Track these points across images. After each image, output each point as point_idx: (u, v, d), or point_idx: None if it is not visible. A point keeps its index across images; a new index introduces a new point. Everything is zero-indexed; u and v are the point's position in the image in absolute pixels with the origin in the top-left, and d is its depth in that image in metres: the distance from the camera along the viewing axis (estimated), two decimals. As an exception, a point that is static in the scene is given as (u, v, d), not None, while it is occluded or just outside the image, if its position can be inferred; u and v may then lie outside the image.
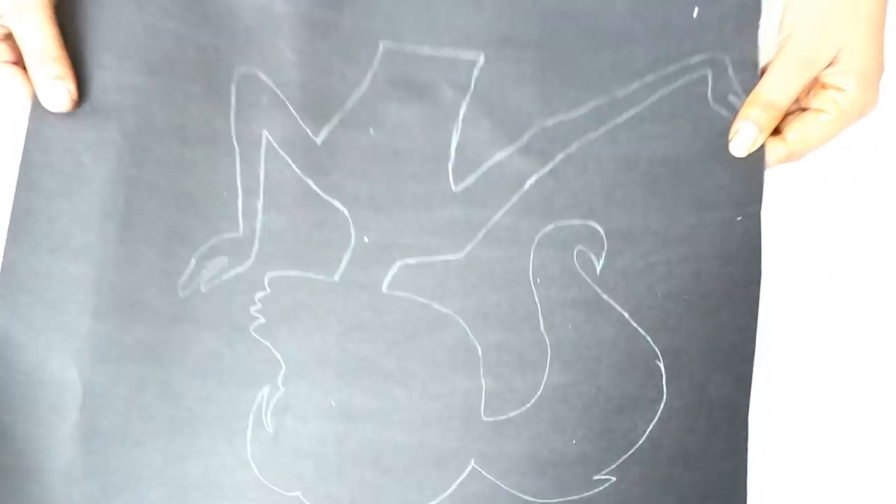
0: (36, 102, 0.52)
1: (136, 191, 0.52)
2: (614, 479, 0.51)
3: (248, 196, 0.53)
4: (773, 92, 0.51)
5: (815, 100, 0.51)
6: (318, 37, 0.54)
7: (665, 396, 0.51)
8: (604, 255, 0.52)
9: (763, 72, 0.52)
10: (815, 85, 0.51)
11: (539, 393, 0.51)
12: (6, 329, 0.51)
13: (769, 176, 0.53)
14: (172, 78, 0.53)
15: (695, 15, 0.53)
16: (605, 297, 0.52)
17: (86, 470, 0.50)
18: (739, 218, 0.52)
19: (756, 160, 0.52)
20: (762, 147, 0.51)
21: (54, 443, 0.51)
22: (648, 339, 0.51)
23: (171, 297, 0.52)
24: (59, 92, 0.51)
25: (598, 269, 0.52)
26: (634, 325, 0.52)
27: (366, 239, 0.53)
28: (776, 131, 0.52)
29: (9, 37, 0.51)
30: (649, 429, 0.51)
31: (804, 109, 0.52)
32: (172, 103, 0.53)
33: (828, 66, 0.50)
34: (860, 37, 0.50)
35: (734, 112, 0.52)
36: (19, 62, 0.52)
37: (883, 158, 0.57)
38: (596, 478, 0.51)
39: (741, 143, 0.51)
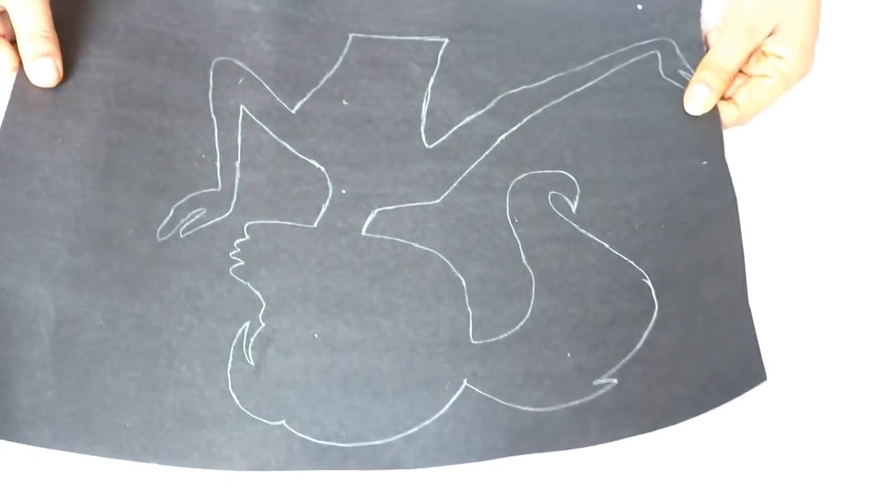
0: (20, 74, 0.54)
1: (116, 149, 0.54)
2: (615, 381, 0.50)
3: (226, 158, 0.55)
4: (722, 57, 0.56)
5: (758, 66, 0.57)
6: (291, 30, 0.59)
7: (657, 307, 0.52)
8: (577, 197, 0.55)
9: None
10: (757, 53, 0.57)
11: (527, 315, 0.51)
12: None
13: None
14: (153, 64, 0.57)
15: (639, 7, 0.61)
16: (582, 231, 0.54)
17: (57, 393, 0.47)
18: (705, 162, 0.56)
19: (711, 117, 0.57)
20: (716, 107, 0.57)
21: (25, 363, 0.47)
22: (631, 262, 0.53)
23: (149, 240, 0.52)
24: (47, 68, 0.54)
25: (574, 208, 0.54)
26: (616, 252, 0.53)
27: (343, 191, 0.54)
28: (727, 98, 0.57)
29: (0, 14, 0.54)
30: (645, 334, 0.51)
31: (748, 77, 0.58)
32: (152, 82, 0.56)
33: (769, 35, 0.56)
34: (799, 9, 0.56)
35: (685, 83, 0.58)
36: (5, 37, 0.55)
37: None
38: (596, 382, 0.50)
39: (696, 102, 0.56)
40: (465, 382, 0.49)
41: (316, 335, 0.50)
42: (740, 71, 0.58)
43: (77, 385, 0.47)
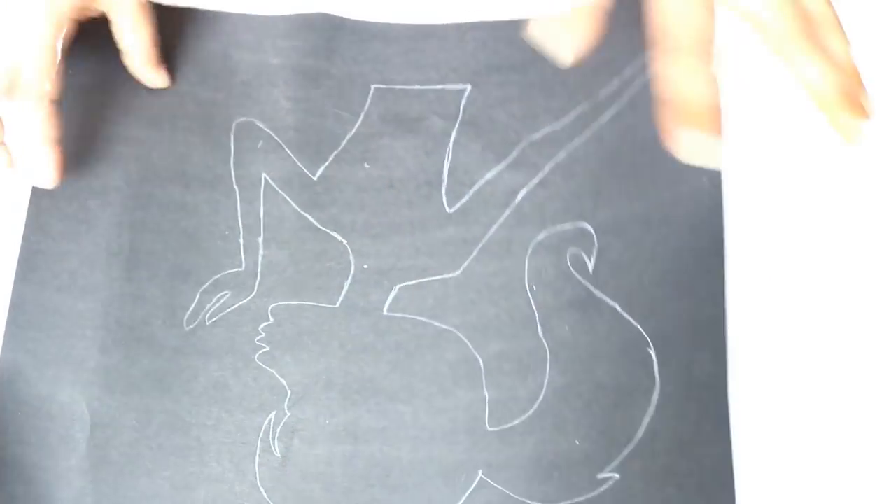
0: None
1: (140, 233, 0.54)
2: (617, 476, 0.50)
3: (248, 233, 0.55)
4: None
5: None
6: (311, 85, 0.58)
7: (658, 384, 0.51)
8: (594, 251, 0.53)
9: None
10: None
11: (541, 398, 0.51)
12: (16, 363, 0.51)
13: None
14: (174, 131, 0.57)
15: None
16: (597, 293, 0.53)
17: (95, 499, 0.50)
18: (705, 178, 0.54)
19: None
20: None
21: (63, 472, 0.50)
22: (639, 327, 0.52)
23: (176, 330, 0.53)
24: (159, 76, 0.57)
25: (591, 267, 0.53)
26: (627, 316, 0.52)
27: (365, 266, 0.54)
28: None
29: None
30: (646, 420, 0.51)
31: None
32: (174, 152, 0.56)
33: None
34: None
35: None
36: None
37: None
38: (600, 476, 0.50)
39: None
40: (479, 474, 0.51)
41: (339, 424, 0.52)
42: None
43: (113, 489, 0.50)
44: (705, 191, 0.54)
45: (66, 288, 0.53)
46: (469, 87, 0.58)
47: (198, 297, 0.54)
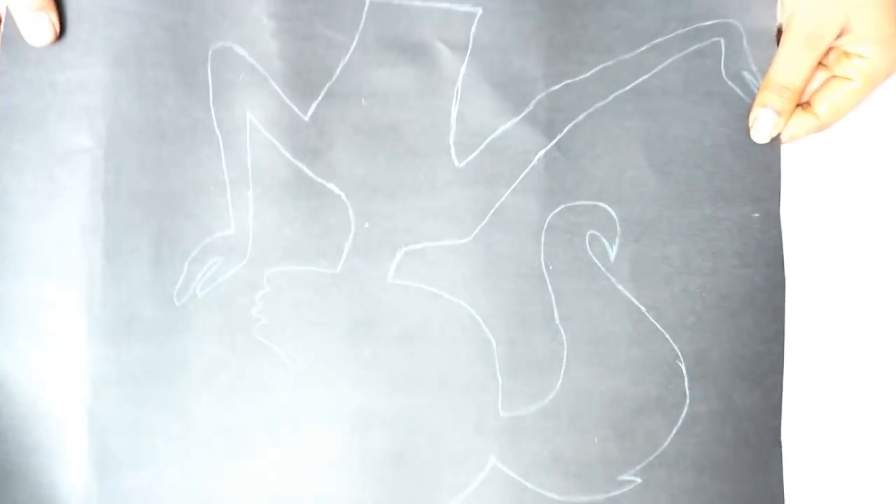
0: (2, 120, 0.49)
1: (115, 200, 0.49)
2: (640, 480, 0.48)
3: (236, 188, 0.49)
4: (784, 74, 0.49)
5: (839, 67, 0.49)
6: None
7: (688, 400, 0.48)
8: (617, 241, 0.48)
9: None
10: (836, 52, 0.49)
11: (557, 388, 0.48)
12: (3, 365, 0.48)
13: (790, 179, 0.51)
14: (142, 67, 0.49)
15: None
16: (620, 287, 0.48)
17: (101, 494, 0.49)
18: (757, 215, 0.48)
19: (771, 151, 0.49)
20: (778, 140, 0.50)
21: (67, 472, 0.49)
22: (667, 336, 0.48)
23: (167, 307, 0.49)
24: (42, 24, 0.48)
25: (612, 256, 0.48)
26: (652, 320, 0.48)
27: (366, 224, 0.48)
28: (806, 103, 0.50)
29: None
30: (673, 433, 0.48)
31: (828, 77, 0.50)
32: (145, 97, 0.49)
33: (839, 36, 0.48)
34: (865, 2, 0.47)
35: (749, 91, 0.49)
36: None
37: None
38: (621, 478, 0.48)
39: (762, 130, 0.49)
40: (492, 459, 0.48)
41: (346, 404, 0.48)
42: (820, 63, 0.50)
43: (119, 482, 0.48)
44: (757, 224, 0.49)
45: (42, 275, 0.48)
46: (480, 10, 0.48)
47: (186, 267, 0.49)
